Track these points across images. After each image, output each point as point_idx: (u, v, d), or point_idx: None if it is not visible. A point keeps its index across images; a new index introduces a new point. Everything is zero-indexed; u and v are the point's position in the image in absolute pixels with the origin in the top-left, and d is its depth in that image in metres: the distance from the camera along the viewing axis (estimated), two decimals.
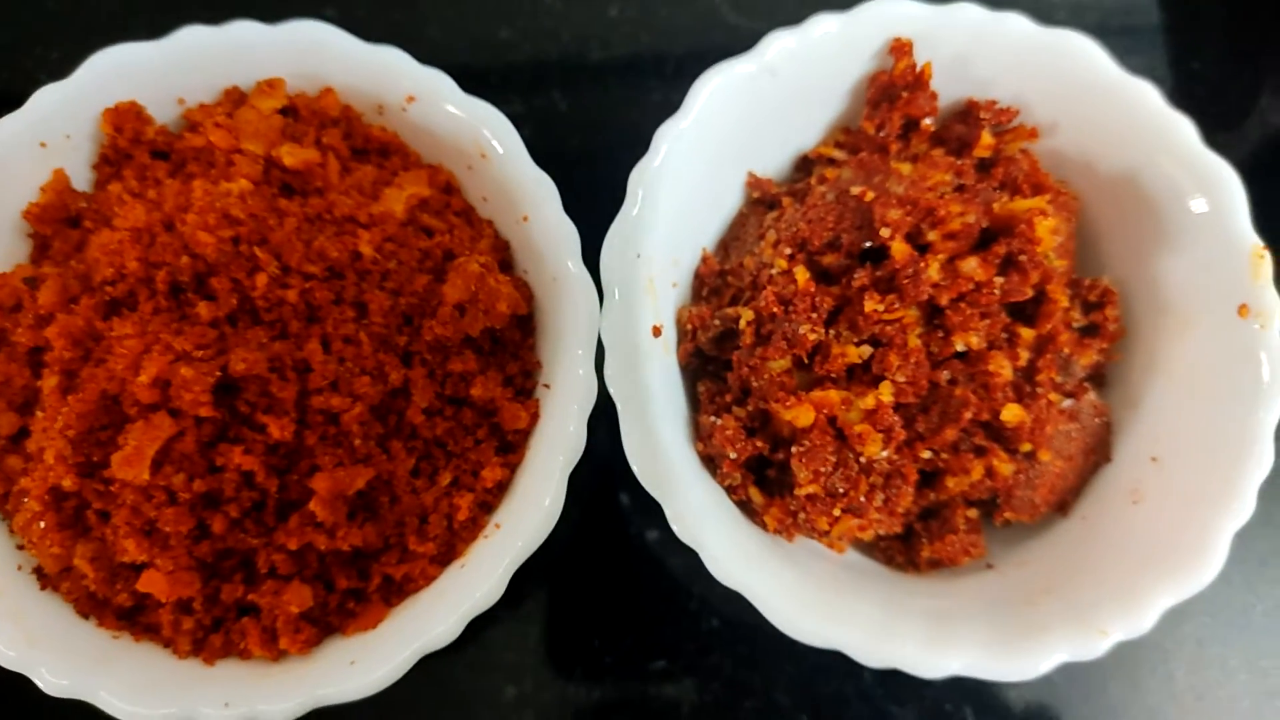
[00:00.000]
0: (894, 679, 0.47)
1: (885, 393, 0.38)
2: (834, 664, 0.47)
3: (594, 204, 0.41)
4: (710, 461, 0.41)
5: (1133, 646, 0.46)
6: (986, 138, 0.43)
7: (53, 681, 0.36)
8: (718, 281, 0.45)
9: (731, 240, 0.46)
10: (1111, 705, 0.47)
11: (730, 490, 0.41)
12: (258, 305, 0.37)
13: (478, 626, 0.37)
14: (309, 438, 0.36)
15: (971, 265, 0.39)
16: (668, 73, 0.53)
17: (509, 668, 0.46)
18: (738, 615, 0.47)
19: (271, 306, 0.37)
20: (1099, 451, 0.43)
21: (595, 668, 0.46)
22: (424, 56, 0.43)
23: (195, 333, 0.36)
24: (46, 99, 0.40)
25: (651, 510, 0.48)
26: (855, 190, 0.41)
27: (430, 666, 0.37)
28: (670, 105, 0.43)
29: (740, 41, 0.53)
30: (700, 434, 0.42)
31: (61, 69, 0.41)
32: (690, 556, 0.48)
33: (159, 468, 0.35)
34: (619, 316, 0.39)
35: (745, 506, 0.41)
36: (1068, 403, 0.42)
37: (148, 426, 0.35)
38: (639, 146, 0.41)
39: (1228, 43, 0.56)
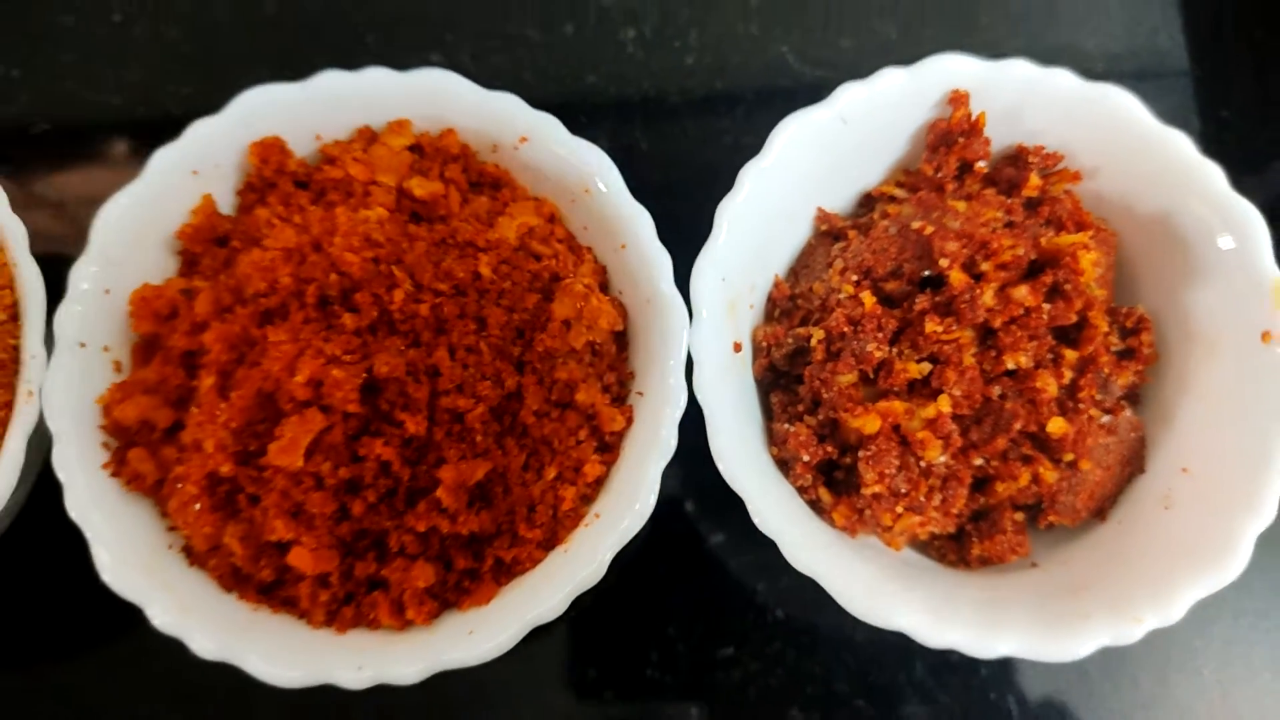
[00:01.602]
0: (943, 670, 0.51)
1: (944, 404, 0.43)
2: (887, 656, 0.52)
3: (675, 233, 0.46)
4: (783, 464, 0.46)
5: (1164, 643, 0.50)
6: (1034, 179, 0.48)
7: (205, 645, 0.40)
8: (788, 305, 0.50)
9: (801, 268, 0.51)
10: (1143, 700, 0.51)
11: (801, 490, 0.46)
12: (394, 317, 0.42)
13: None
14: (437, 433, 0.41)
15: (1022, 292, 0.44)
16: (738, 116, 0.58)
17: (591, 651, 0.51)
18: (799, 610, 0.52)
19: (406, 319, 0.42)
20: (1134, 463, 0.48)
21: (669, 654, 0.51)
22: (522, 97, 0.48)
23: (342, 340, 0.41)
24: (200, 131, 0.46)
25: (715, 516, 0.54)
26: (916, 225, 0.46)
27: (522, 645, 0.41)
28: (741, 146, 0.48)
29: (804, 88, 0.59)
30: (774, 440, 0.47)
31: (196, 104, 0.46)
32: (754, 556, 0.53)
33: (310, 456, 0.40)
34: (707, 333, 0.44)
35: (815, 505, 0.46)
36: (1106, 418, 0.47)
37: (302, 420, 0.40)
38: (713, 182, 0.46)
39: (1255, 92, 0.61)
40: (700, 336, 0.44)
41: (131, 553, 0.42)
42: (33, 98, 0.58)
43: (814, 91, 0.50)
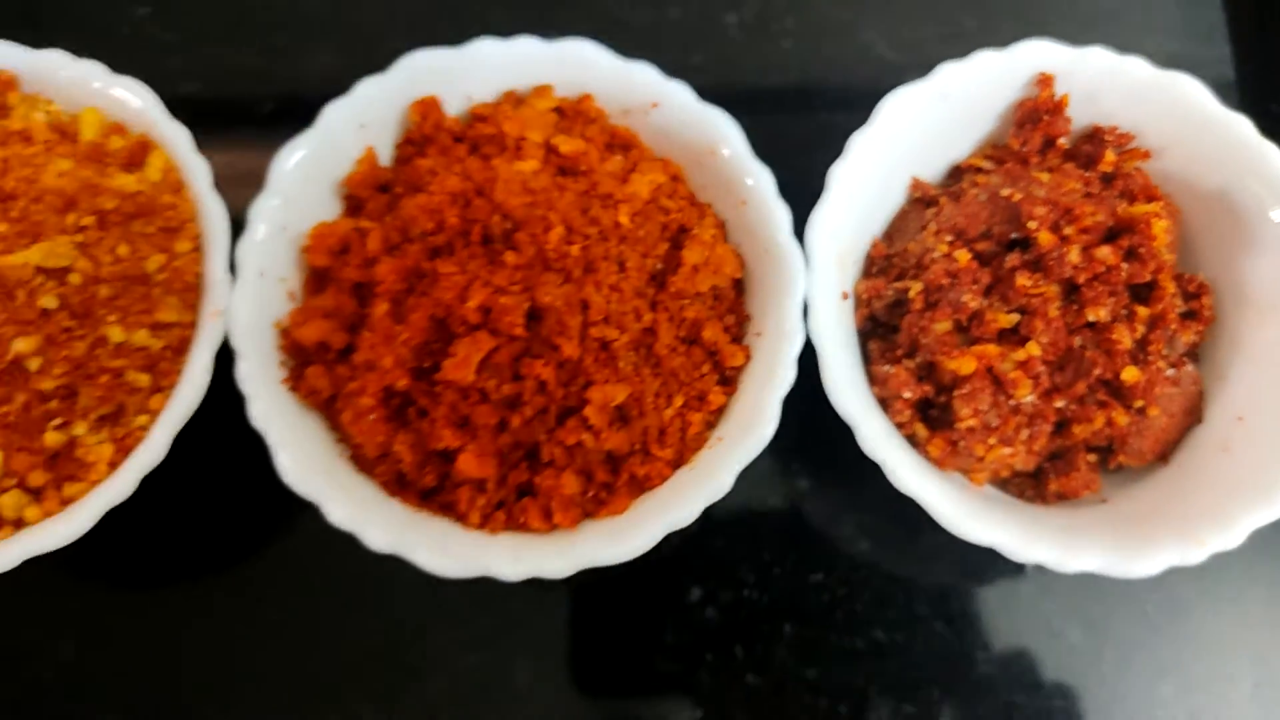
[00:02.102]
0: (1014, 600, 0.57)
1: (1034, 348, 0.49)
2: (964, 584, 0.57)
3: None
4: (882, 403, 0.52)
5: (1217, 581, 0.55)
6: (1109, 156, 0.54)
7: (377, 539, 0.45)
8: (884, 263, 0.55)
9: (895, 231, 0.56)
10: (1193, 632, 0.56)
11: (899, 426, 0.51)
12: (549, 256, 0.47)
13: (669, 536, 0.47)
14: (586, 359, 0.47)
15: (1104, 252, 0.49)
16: (830, 93, 0.64)
17: (696, 571, 0.56)
18: (884, 542, 0.57)
19: (560, 258, 0.47)
20: (1193, 413, 0.53)
21: (766, 577, 0.56)
22: None
23: (505, 273, 0.46)
24: (367, 89, 0.51)
25: (807, 456, 0.58)
26: (1005, 192, 0.51)
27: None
28: (832, 121, 0.54)
29: (889, 70, 0.64)
30: (875, 381, 0.52)
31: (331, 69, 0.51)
32: (844, 492, 0.58)
33: (478, 374, 0.45)
34: (821, 280, 0.50)
35: (910, 440, 0.51)
36: (1171, 371, 0.52)
37: (474, 341, 0.45)
38: (805, 153, 0.52)
39: None
40: (815, 283, 0.49)
41: (308, 458, 0.47)
42: (185, 60, 0.63)
43: (897, 74, 0.55)
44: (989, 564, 0.56)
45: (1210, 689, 0.55)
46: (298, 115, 0.50)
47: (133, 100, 0.51)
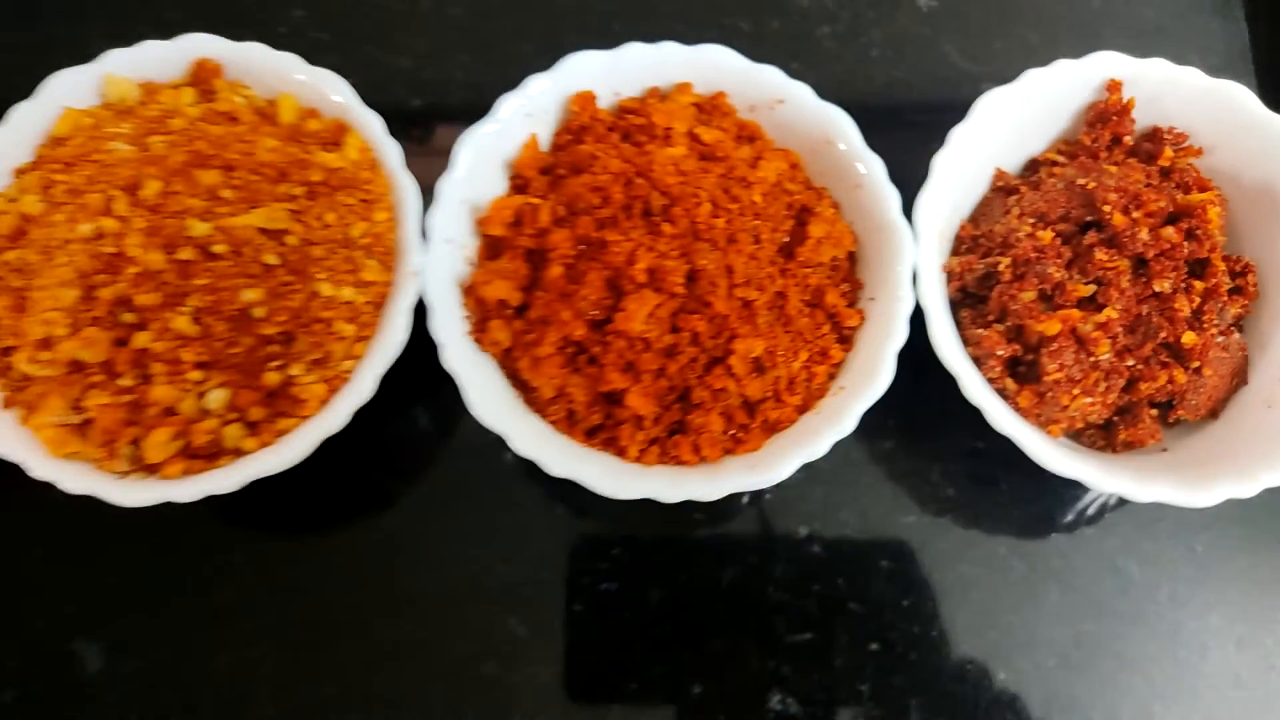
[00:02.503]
0: (1080, 541, 0.64)
1: (1111, 312, 0.57)
2: (1036, 527, 0.64)
3: None
4: (976, 362, 0.59)
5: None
6: (1168, 152, 0.62)
7: (555, 465, 0.53)
8: (971, 243, 0.63)
9: (980, 215, 0.64)
10: (1237, 569, 0.64)
11: (991, 381, 0.59)
12: (699, 228, 0.55)
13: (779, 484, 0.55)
14: (731, 316, 0.54)
15: (1169, 231, 0.58)
16: (913, 98, 0.72)
17: (802, 514, 0.64)
18: (966, 488, 0.65)
19: (708, 230, 0.55)
20: (1239, 375, 0.61)
21: (864, 519, 0.64)
22: None
23: (664, 241, 0.54)
24: (534, 83, 0.59)
25: (891, 421, 0.66)
26: (1080, 181, 0.60)
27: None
28: (915, 122, 0.62)
29: (966, 79, 0.73)
30: (969, 342, 0.60)
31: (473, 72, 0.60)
32: (926, 449, 0.66)
33: (644, 326, 0.53)
34: (926, 254, 0.58)
35: (1000, 394, 0.59)
36: (1221, 338, 0.60)
37: (642, 297, 0.53)
38: (891, 149, 0.60)
39: None
40: (921, 255, 0.57)
41: (492, 397, 0.54)
42: (339, 58, 0.70)
43: (972, 81, 0.64)
44: (1056, 510, 0.65)
45: (1253, 619, 0.63)
46: (445, 111, 0.59)
47: (332, 88, 0.58)
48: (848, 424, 0.54)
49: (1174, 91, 0.62)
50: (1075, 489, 0.62)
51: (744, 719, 0.61)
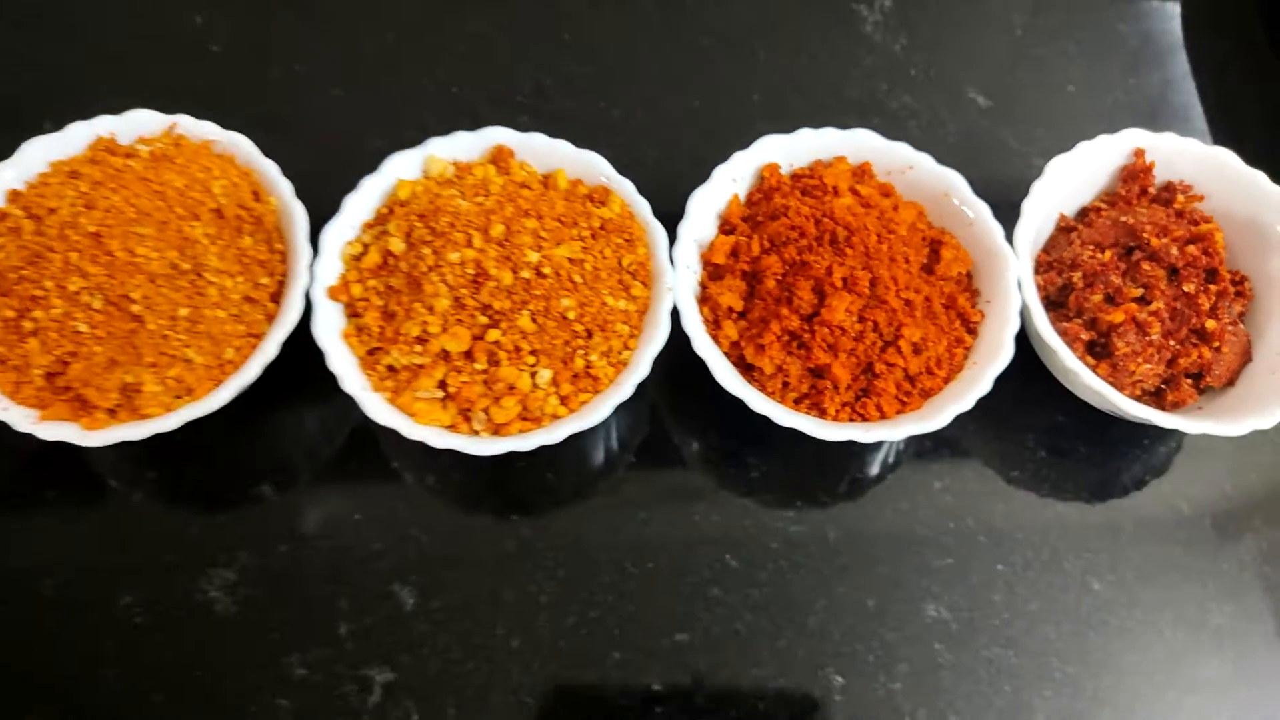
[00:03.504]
0: (1144, 482, 0.86)
1: (1157, 306, 0.80)
2: (1112, 473, 0.86)
3: None
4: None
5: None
6: (1180, 199, 0.87)
7: (784, 419, 0.74)
8: (1046, 266, 0.87)
9: (1050, 246, 0.88)
10: (1261, 497, 0.86)
11: None
12: (870, 251, 0.78)
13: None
14: (899, 312, 0.77)
15: (1192, 250, 0.82)
16: (981, 170, 0.97)
17: (935, 472, 0.85)
18: (1051, 443, 0.87)
19: (876, 253, 0.78)
20: (1246, 355, 0.84)
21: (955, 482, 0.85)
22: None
23: (849, 259, 0.77)
24: (738, 158, 0.83)
25: (998, 385, 0.88)
26: (1123, 219, 0.84)
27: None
28: (976, 188, 0.86)
29: (1017, 156, 0.98)
30: (1056, 333, 0.83)
31: (697, 150, 0.84)
32: (1026, 410, 0.88)
33: (842, 316, 0.75)
34: (1025, 269, 0.81)
35: None
36: (1231, 327, 0.84)
37: (840, 297, 0.75)
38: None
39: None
40: (1023, 270, 0.81)
41: (729, 373, 0.76)
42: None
43: (1023, 157, 0.89)
44: (1111, 471, 0.86)
45: (1271, 535, 0.85)
46: (675, 179, 0.82)
47: (599, 164, 0.81)
48: (984, 386, 0.76)
49: (1181, 156, 0.87)
50: (1131, 448, 0.85)
51: (908, 624, 0.80)
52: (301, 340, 0.74)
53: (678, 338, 0.76)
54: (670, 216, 0.81)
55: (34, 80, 0.97)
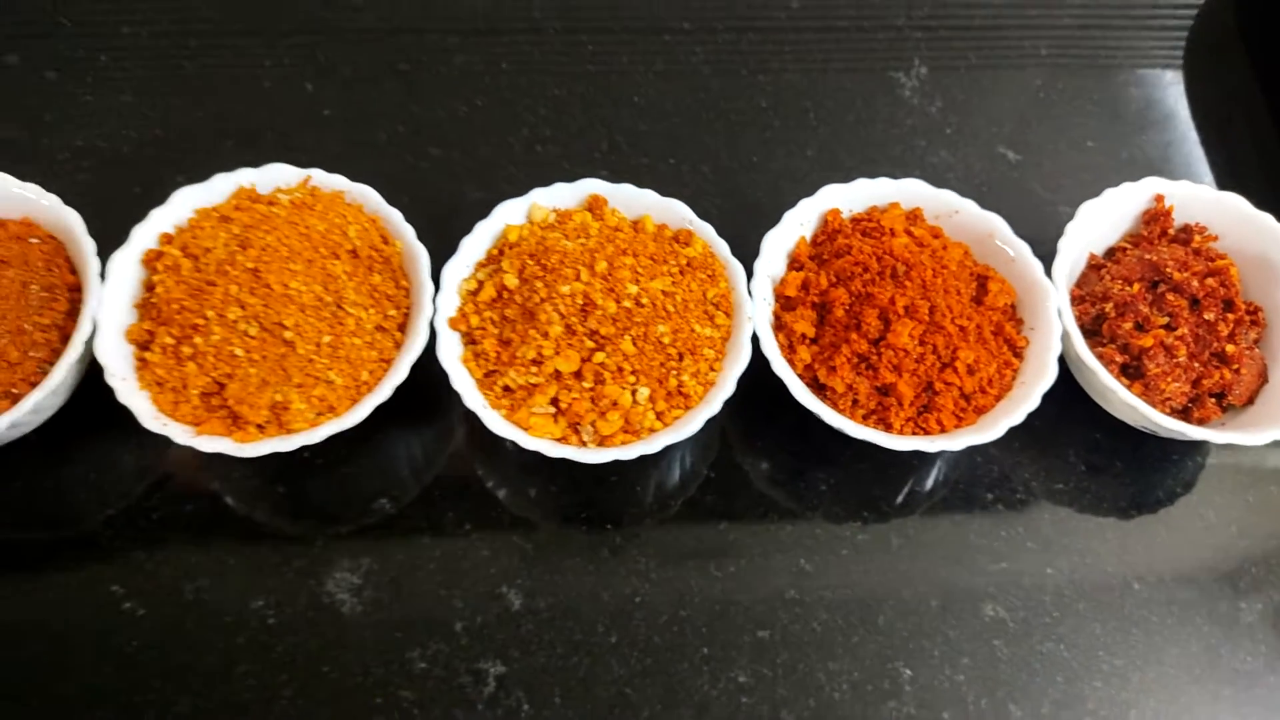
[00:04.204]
0: (1174, 494, 0.95)
1: (1182, 332, 0.90)
2: (1146, 486, 0.95)
3: None
4: None
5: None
6: (1196, 238, 0.98)
7: (855, 431, 0.83)
8: (1080, 299, 0.97)
9: (1082, 282, 0.98)
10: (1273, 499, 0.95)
11: None
12: (927, 283, 0.88)
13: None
14: (955, 336, 0.87)
15: (1211, 282, 0.92)
16: (1009, 215, 1.07)
17: (987, 484, 0.94)
18: (1089, 460, 0.96)
19: (933, 285, 0.88)
20: (1263, 376, 0.94)
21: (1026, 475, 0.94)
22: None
23: (909, 291, 0.87)
24: (804, 202, 0.93)
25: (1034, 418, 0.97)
26: (1147, 256, 0.95)
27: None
28: (1020, 234, 0.97)
29: (1045, 204, 1.09)
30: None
31: (759, 195, 0.94)
32: (1065, 429, 0.97)
33: (907, 340, 0.85)
34: (1063, 300, 0.91)
35: None
36: (1248, 351, 0.94)
37: (904, 323, 0.85)
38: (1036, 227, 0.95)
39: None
40: (1063, 301, 0.91)
41: (804, 392, 0.85)
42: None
43: (1050, 205, 1.00)
44: (1150, 481, 0.95)
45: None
46: (744, 224, 0.93)
47: (682, 209, 0.92)
48: (1033, 402, 0.86)
49: (1196, 200, 0.98)
50: (1162, 462, 0.94)
51: (969, 622, 0.88)
52: (411, 373, 0.82)
53: (751, 367, 0.86)
54: (740, 258, 0.91)
55: (159, 139, 1.07)
